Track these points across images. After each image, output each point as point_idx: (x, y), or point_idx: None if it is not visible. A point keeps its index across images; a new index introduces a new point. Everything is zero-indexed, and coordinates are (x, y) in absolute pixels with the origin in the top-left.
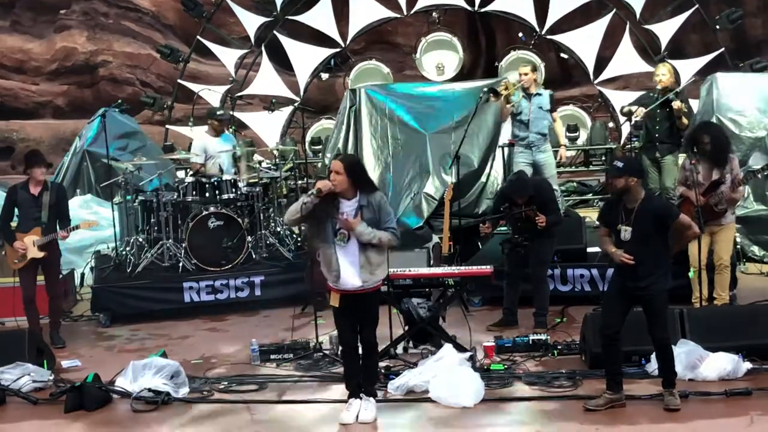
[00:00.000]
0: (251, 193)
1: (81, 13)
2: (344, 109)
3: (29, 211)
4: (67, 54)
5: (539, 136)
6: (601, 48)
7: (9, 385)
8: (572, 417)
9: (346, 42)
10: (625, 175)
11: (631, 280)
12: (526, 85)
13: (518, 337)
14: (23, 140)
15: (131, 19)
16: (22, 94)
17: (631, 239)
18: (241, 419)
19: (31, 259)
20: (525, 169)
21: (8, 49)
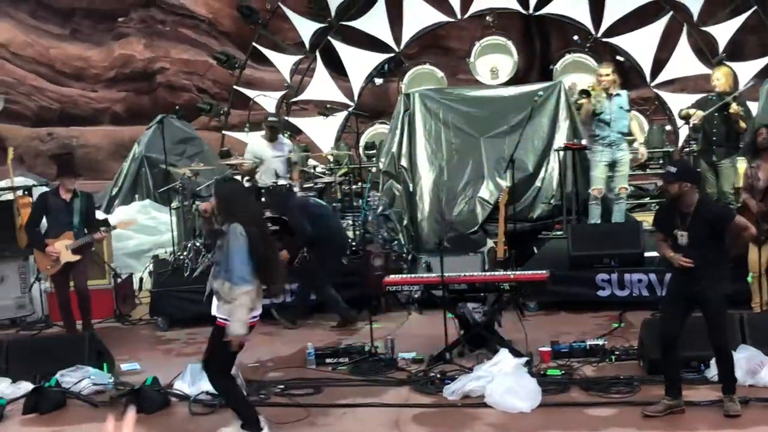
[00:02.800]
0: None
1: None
2: (398, 114)
3: (60, 216)
4: (125, 61)
5: (619, 135)
6: (657, 50)
7: (70, 387)
8: (630, 423)
9: (400, 47)
10: (679, 181)
11: (689, 285)
12: (607, 86)
13: (575, 342)
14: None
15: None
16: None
17: (688, 244)
18: (297, 422)
19: (64, 263)
20: (603, 168)
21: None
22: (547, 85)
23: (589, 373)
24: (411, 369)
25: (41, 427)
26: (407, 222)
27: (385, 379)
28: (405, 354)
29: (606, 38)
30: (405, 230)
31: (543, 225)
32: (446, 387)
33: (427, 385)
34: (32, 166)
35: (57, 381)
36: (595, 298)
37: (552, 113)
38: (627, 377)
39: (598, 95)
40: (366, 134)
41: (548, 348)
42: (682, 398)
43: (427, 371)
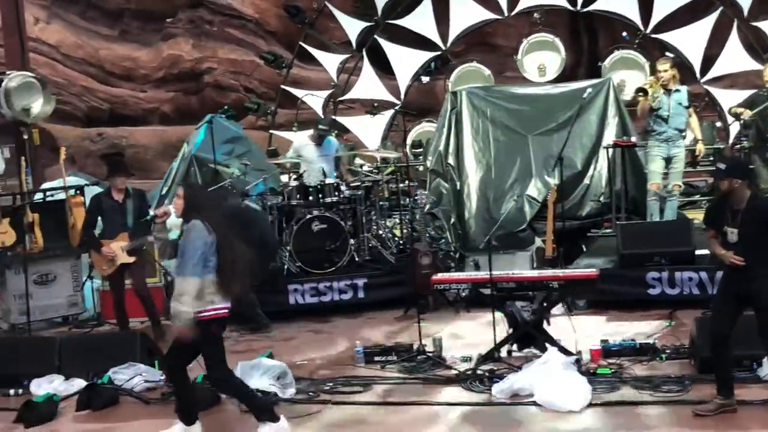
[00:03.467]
0: (354, 196)
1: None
2: (445, 112)
3: (115, 217)
4: (174, 62)
5: (677, 131)
6: (707, 46)
7: (122, 384)
8: (681, 422)
9: (446, 45)
10: (729, 177)
11: (740, 283)
12: (666, 82)
13: (625, 341)
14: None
15: (235, 26)
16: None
17: (739, 241)
18: (346, 420)
19: (120, 264)
20: (660, 162)
21: (117, 57)
22: (595, 82)
23: (639, 371)
24: (459, 367)
25: (94, 424)
26: (454, 220)
27: (433, 378)
28: (453, 352)
29: (655, 34)
30: (452, 228)
31: (592, 223)
32: (495, 385)
33: (475, 384)
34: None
35: (109, 378)
36: (646, 296)
37: (601, 110)
38: (678, 376)
39: (656, 92)
40: (413, 133)
41: (598, 346)
42: (734, 397)
43: (475, 370)
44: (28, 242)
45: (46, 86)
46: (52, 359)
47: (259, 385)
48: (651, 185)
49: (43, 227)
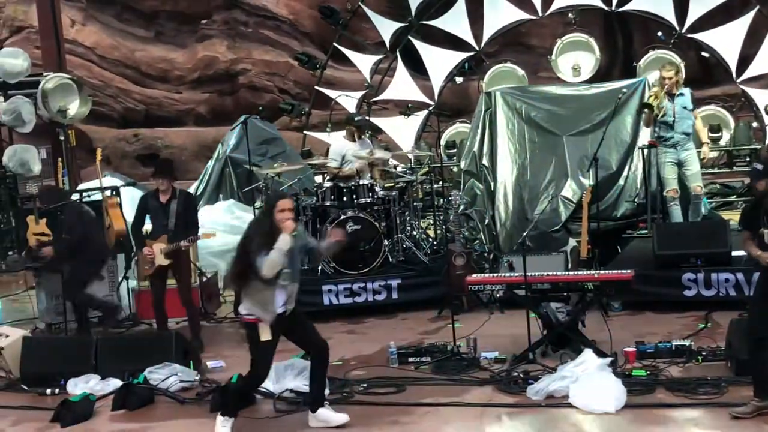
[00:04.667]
0: (388, 197)
1: (221, 22)
2: (479, 113)
3: (158, 218)
4: (209, 63)
5: (684, 135)
6: (744, 46)
7: (158, 384)
8: (718, 425)
9: (480, 45)
10: (766, 178)
11: None
12: (670, 88)
13: (660, 343)
14: (167, 147)
15: (269, 27)
16: (165, 103)
17: None
18: (380, 421)
19: (159, 265)
20: (672, 168)
21: (153, 59)
22: (630, 82)
23: (675, 373)
24: (494, 368)
25: (130, 423)
26: (489, 221)
27: (467, 379)
28: (487, 353)
29: (691, 34)
30: (486, 229)
31: (627, 224)
32: (530, 387)
33: (510, 385)
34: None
35: (145, 378)
36: (681, 297)
37: (636, 110)
38: (714, 378)
39: (661, 102)
40: (447, 133)
41: (633, 348)
42: None
43: (510, 371)
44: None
45: (82, 88)
46: (89, 359)
47: (294, 386)
48: (668, 192)
49: None
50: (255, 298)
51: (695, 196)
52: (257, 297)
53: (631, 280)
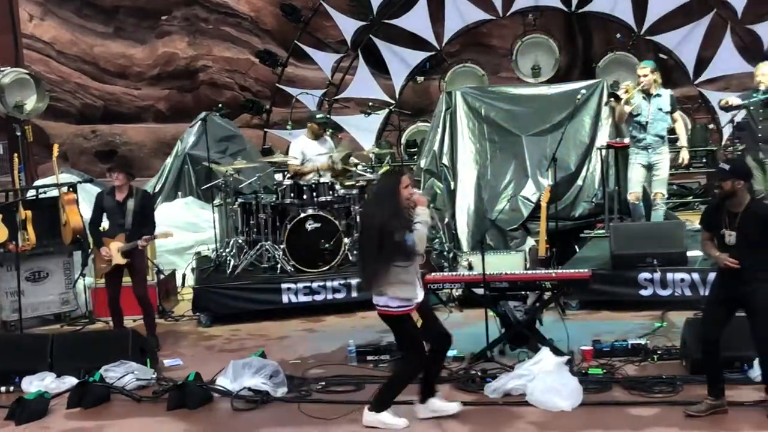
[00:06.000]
0: (348, 195)
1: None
2: (440, 112)
3: (114, 217)
4: (168, 59)
5: (657, 138)
6: (701, 48)
7: (114, 382)
8: (672, 423)
9: (441, 44)
10: (732, 178)
11: (734, 285)
12: (646, 87)
13: (617, 342)
14: (126, 144)
15: (230, 24)
16: (124, 99)
17: (736, 244)
18: (338, 419)
19: (115, 264)
20: (640, 170)
21: (112, 54)
22: (589, 83)
23: (631, 372)
24: (452, 367)
25: (85, 422)
26: (448, 220)
27: None
28: None
29: (649, 36)
30: (446, 228)
31: (585, 224)
32: (487, 385)
33: (468, 383)
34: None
35: (101, 376)
36: (638, 297)
37: (594, 111)
38: (669, 377)
39: (632, 97)
40: (407, 132)
41: (590, 347)
42: (725, 398)
43: (468, 369)
44: (20, 239)
45: (39, 83)
46: (44, 357)
47: (252, 384)
48: (630, 195)
49: (35, 224)
50: (400, 278)
51: (655, 202)
52: (402, 277)
53: (588, 279)
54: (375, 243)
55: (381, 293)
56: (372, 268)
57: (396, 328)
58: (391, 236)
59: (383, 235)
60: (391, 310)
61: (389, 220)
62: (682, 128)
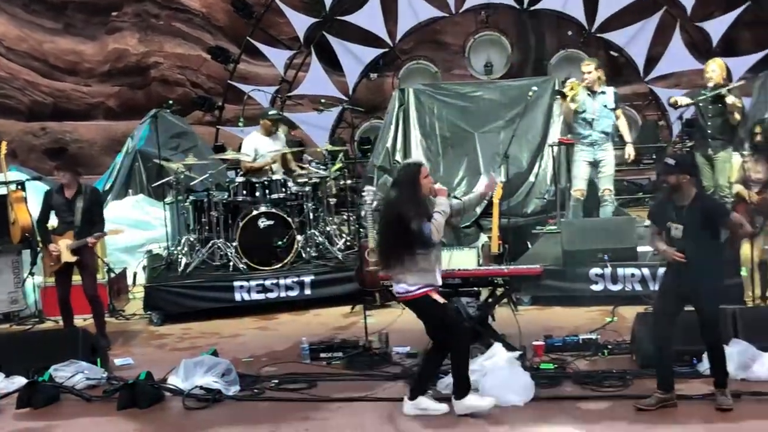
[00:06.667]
0: (301, 192)
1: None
2: (393, 109)
3: (63, 214)
4: (119, 56)
5: (602, 134)
6: (651, 46)
7: (63, 382)
8: (623, 416)
9: (394, 42)
10: (677, 173)
11: (682, 279)
12: (590, 84)
13: (568, 337)
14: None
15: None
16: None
17: (683, 238)
18: (291, 417)
19: (65, 262)
20: (585, 167)
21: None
22: (541, 80)
23: (582, 367)
24: (405, 363)
25: (34, 422)
26: None
27: (379, 374)
28: (399, 348)
29: (600, 33)
30: None
31: (537, 220)
32: (440, 381)
33: None
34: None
35: (50, 375)
36: (589, 292)
37: (546, 108)
38: (620, 371)
39: (576, 94)
40: (361, 129)
41: (541, 342)
42: (675, 392)
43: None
44: None
45: None
46: None
47: (203, 383)
48: (575, 191)
49: None
50: (420, 266)
51: (603, 199)
52: (422, 265)
53: (540, 275)
54: (394, 231)
55: (400, 281)
56: (391, 256)
57: (421, 311)
58: (409, 225)
59: (402, 224)
60: (411, 294)
61: (408, 210)
62: (625, 125)
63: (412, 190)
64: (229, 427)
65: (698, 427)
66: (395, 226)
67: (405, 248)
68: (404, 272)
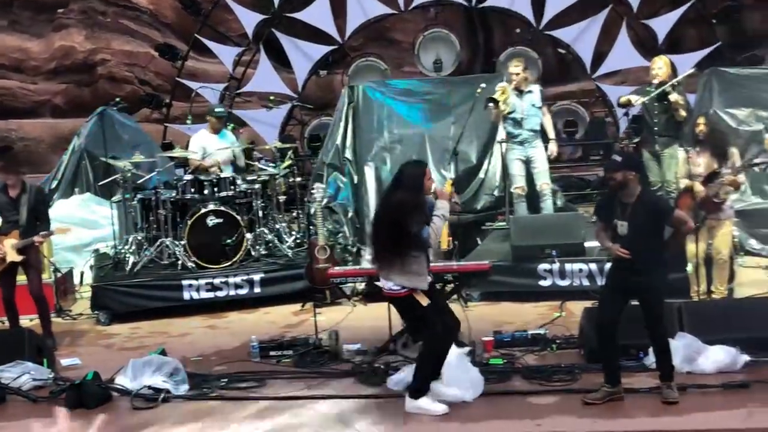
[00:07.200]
0: (250, 190)
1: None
2: (342, 106)
3: (8, 214)
4: (66, 53)
5: (532, 132)
6: (598, 43)
7: (9, 383)
8: (571, 411)
9: (344, 38)
10: (623, 170)
11: (628, 274)
12: (519, 84)
13: (517, 332)
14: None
15: (129, 17)
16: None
17: (628, 234)
18: (241, 416)
19: (10, 262)
20: (519, 165)
21: (7, 48)
22: (490, 76)
23: (530, 362)
24: (355, 360)
25: None
26: (352, 214)
27: (329, 371)
28: (349, 345)
29: (547, 31)
30: (350, 222)
31: (486, 216)
32: (390, 378)
33: (371, 376)
34: None
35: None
36: (537, 288)
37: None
38: (568, 365)
39: (507, 98)
40: (311, 126)
41: (491, 338)
42: (622, 386)
43: (371, 362)
44: None
45: None
46: None
47: (151, 383)
48: (515, 189)
49: None
50: (411, 269)
51: (542, 193)
52: (414, 268)
53: (488, 270)
54: (391, 231)
55: (388, 279)
56: (384, 255)
57: (403, 310)
58: (409, 228)
59: (401, 225)
60: (394, 292)
61: (410, 213)
62: (549, 121)
63: (415, 191)
64: (177, 427)
65: (645, 420)
66: (394, 227)
67: (399, 249)
68: (394, 272)
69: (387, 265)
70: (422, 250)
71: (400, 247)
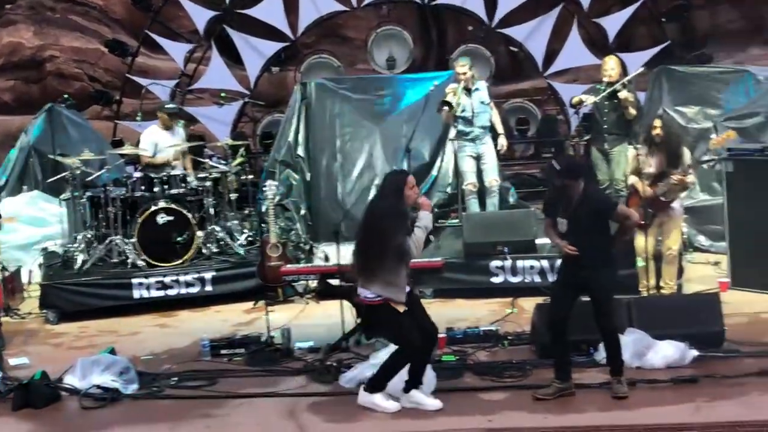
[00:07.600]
0: (201, 187)
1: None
2: (295, 103)
3: None
4: (13, 49)
5: (482, 129)
6: (550, 41)
7: None
8: (522, 406)
9: (296, 35)
10: (563, 178)
11: (576, 270)
12: (466, 82)
13: (469, 329)
14: None
15: (78, 13)
16: None
17: (572, 231)
18: (191, 415)
19: None
20: (471, 162)
21: None
22: (442, 74)
23: (482, 358)
24: (308, 358)
25: None
26: (305, 211)
27: (281, 369)
28: (302, 343)
29: (500, 29)
30: (302, 220)
31: (439, 214)
32: (342, 375)
33: (323, 374)
34: None
35: None
36: (489, 284)
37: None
38: (519, 361)
39: (459, 99)
40: (263, 123)
41: (443, 334)
42: (572, 381)
43: (323, 360)
44: None
45: None
46: None
47: (101, 382)
48: (467, 185)
49: None
50: (388, 279)
51: (490, 190)
52: (391, 278)
53: (441, 268)
54: (372, 241)
55: (365, 287)
56: (364, 264)
57: (378, 317)
58: (389, 239)
59: (382, 236)
60: (370, 300)
61: (391, 223)
62: (498, 116)
63: (395, 200)
64: (127, 427)
65: (595, 415)
66: (375, 236)
67: (379, 260)
68: (372, 281)
69: (368, 275)
70: (403, 261)
71: (381, 256)
